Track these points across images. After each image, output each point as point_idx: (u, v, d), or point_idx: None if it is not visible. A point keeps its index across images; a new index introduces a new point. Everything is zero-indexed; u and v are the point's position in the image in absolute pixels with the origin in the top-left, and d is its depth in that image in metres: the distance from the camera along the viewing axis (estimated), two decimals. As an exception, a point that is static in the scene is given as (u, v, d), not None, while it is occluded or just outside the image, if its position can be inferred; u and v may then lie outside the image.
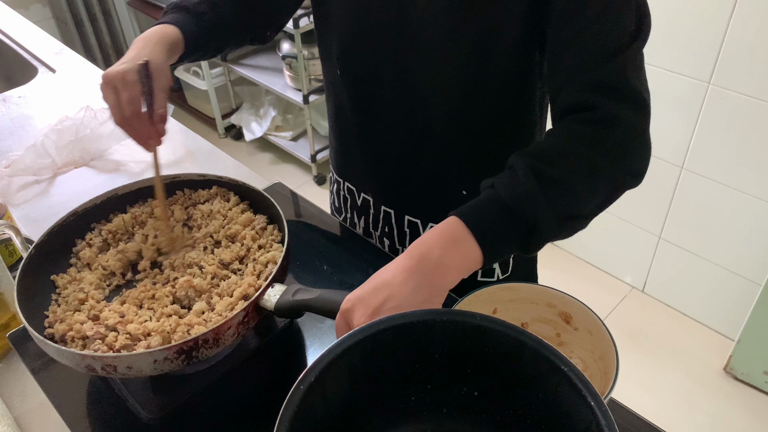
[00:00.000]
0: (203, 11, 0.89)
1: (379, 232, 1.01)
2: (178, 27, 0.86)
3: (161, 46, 0.82)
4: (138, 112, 0.77)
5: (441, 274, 0.63)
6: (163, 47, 0.82)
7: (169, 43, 0.83)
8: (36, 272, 0.79)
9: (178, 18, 0.87)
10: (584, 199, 0.67)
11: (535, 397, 0.53)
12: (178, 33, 0.85)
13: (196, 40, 0.88)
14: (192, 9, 0.89)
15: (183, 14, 0.88)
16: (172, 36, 0.84)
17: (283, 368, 0.81)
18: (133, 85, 0.76)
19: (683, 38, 1.75)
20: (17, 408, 0.79)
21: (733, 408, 1.89)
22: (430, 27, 0.77)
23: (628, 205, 2.13)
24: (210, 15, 0.90)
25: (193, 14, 0.89)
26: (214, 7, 0.91)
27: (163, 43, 0.82)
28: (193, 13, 0.89)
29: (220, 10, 0.91)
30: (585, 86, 0.69)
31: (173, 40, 0.84)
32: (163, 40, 0.83)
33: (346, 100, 0.93)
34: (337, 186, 1.05)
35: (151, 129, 0.79)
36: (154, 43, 0.81)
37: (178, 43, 0.85)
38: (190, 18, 0.88)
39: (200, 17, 0.89)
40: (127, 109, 0.77)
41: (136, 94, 0.77)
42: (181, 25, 0.86)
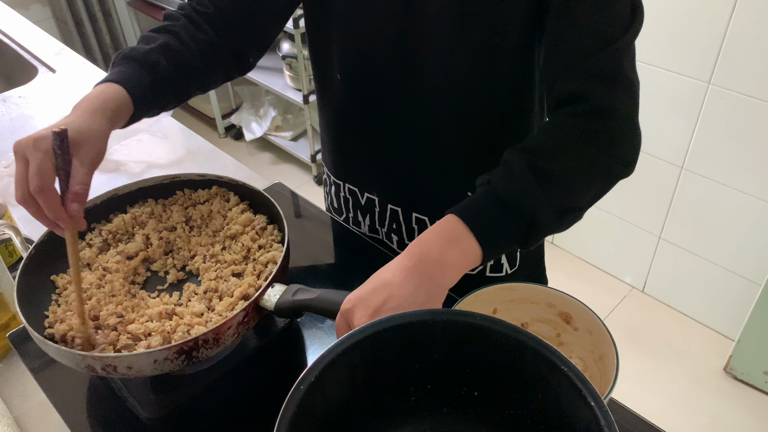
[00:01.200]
0: (156, 60, 0.78)
1: (386, 229, 1.01)
2: (123, 86, 0.75)
3: (100, 112, 0.72)
4: (44, 187, 0.65)
5: (441, 273, 0.63)
6: (103, 113, 0.72)
7: (112, 108, 0.73)
8: (36, 272, 0.79)
9: (126, 73, 0.77)
10: (580, 191, 0.68)
11: (535, 397, 0.53)
12: (123, 93, 0.75)
13: (148, 95, 0.78)
14: (142, 59, 0.78)
15: (131, 67, 0.77)
16: (115, 99, 0.74)
17: (283, 368, 0.81)
18: (43, 154, 0.65)
19: (683, 38, 1.75)
20: (17, 408, 0.79)
21: (733, 408, 1.89)
22: (434, 27, 0.77)
23: (628, 205, 2.13)
24: (165, 63, 0.79)
25: (144, 66, 0.78)
26: (171, 51, 0.80)
27: (104, 109, 0.72)
28: (144, 64, 0.78)
29: (181, 52, 0.81)
30: (580, 76, 0.69)
31: (118, 104, 0.74)
32: (104, 106, 0.72)
33: (347, 103, 0.93)
34: (336, 188, 1.05)
35: (60, 210, 0.66)
36: (92, 109, 0.71)
37: (123, 106, 0.75)
38: (140, 71, 0.77)
39: (152, 68, 0.78)
40: (32, 182, 0.64)
41: (45, 166, 0.65)
42: (127, 83, 0.76)
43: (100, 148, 0.71)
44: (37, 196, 0.65)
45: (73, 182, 0.67)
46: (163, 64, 0.79)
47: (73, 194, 0.67)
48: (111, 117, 0.73)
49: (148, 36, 0.82)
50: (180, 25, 0.83)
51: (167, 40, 0.81)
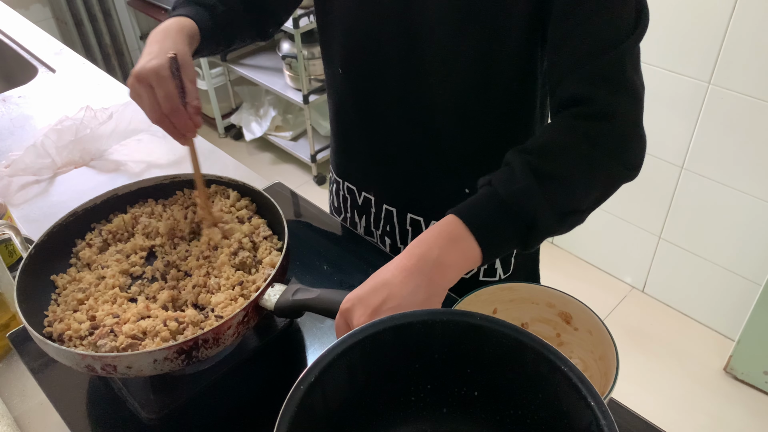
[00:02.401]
0: (213, 4, 0.90)
1: (380, 231, 1.01)
2: (192, 19, 0.86)
3: (181, 37, 0.81)
4: (176, 106, 0.76)
5: (441, 273, 0.63)
6: (183, 39, 0.81)
7: (188, 34, 0.83)
8: (36, 272, 0.79)
9: (191, 11, 0.87)
10: (582, 193, 0.68)
11: (535, 397, 0.53)
12: (193, 25, 0.85)
13: (210, 32, 0.88)
14: (203, 2, 0.89)
15: (195, 7, 0.88)
16: (189, 28, 0.84)
17: (283, 368, 0.81)
18: (167, 81, 0.75)
19: (683, 38, 1.75)
20: (17, 408, 0.79)
21: (733, 408, 1.89)
22: (434, 26, 0.77)
23: (628, 205, 2.13)
24: (220, 8, 0.90)
25: (205, 6, 0.89)
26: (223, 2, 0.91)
27: (183, 34, 0.82)
28: (205, 5, 0.89)
29: (229, 3, 0.92)
30: (583, 78, 0.69)
31: (190, 32, 0.84)
32: (182, 32, 0.82)
33: (348, 100, 0.93)
34: (337, 186, 1.05)
35: (188, 122, 0.78)
36: (174, 35, 0.81)
37: (194, 35, 0.85)
38: (203, 10, 0.88)
39: (212, 9, 0.89)
40: (165, 105, 0.76)
41: (171, 89, 0.76)
42: (195, 17, 0.86)
43: (193, 66, 0.81)
44: (172, 116, 0.77)
45: (190, 97, 0.78)
46: (219, 8, 0.90)
47: (194, 107, 0.78)
48: (189, 41, 0.83)
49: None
50: None
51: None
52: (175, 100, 0.76)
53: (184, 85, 0.77)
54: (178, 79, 0.76)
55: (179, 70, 0.77)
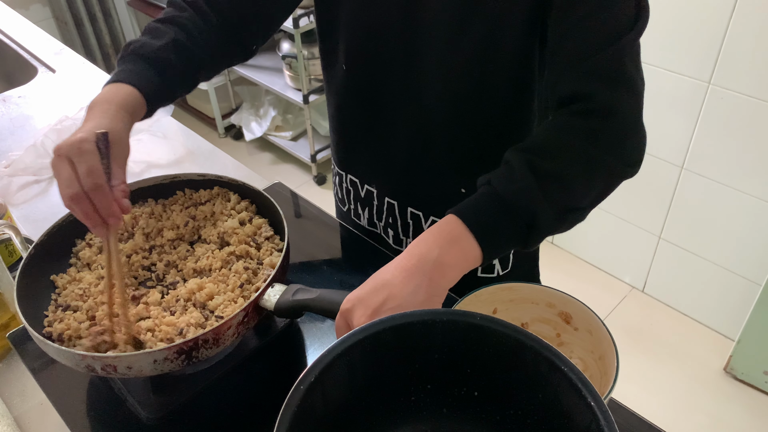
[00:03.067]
0: (166, 59, 0.79)
1: (383, 222, 1.01)
2: (137, 88, 0.76)
3: (121, 114, 0.73)
4: (99, 185, 0.67)
5: (441, 273, 0.63)
6: (124, 115, 0.74)
7: (130, 109, 0.75)
8: (36, 272, 0.79)
9: (138, 73, 0.78)
10: (581, 191, 0.68)
11: (535, 397, 0.53)
12: (137, 95, 0.76)
13: (160, 94, 0.80)
14: (153, 58, 0.79)
15: (142, 66, 0.78)
16: (131, 101, 0.76)
17: (283, 368, 0.81)
18: (91, 155, 0.68)
19: (683, 38, 1.75)
20: (17, 408, 0.79)
21: (733, 408, 1.89)
22: (436, 22, 0.77)
23: (628, 205, 2.13)
24: (175, 60, 0.80)
25: (155, 66, 0.79)
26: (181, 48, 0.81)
27: (124, 109, 0.74)
28: (154, 63, 0.79)
29: (190, 47, 0.82)
30: (582, 75, 0.69)
31: (134, 104, 0.76)
32: (123, 107, 0.74)
33: (351, 96, 0.93)
34: (340, 178, 1.06)
35: (113, 204, 0.69)
36: (114, 111, 0.73)
37: (138, 106, 0.77)
38: (152, 72, 0.78)
39: (163, 67, 0.79)
40: (87, 181, 0.67)
41: (95, 165, 0.68)
42: (141, 85, 0.77)
43: (127, 147, 0.74)
44: (93, 194, 0.68)
45: (117, 180, 0.70)
46: (172, 62, 0.80)
47: (121, 191, 0.70)
48: (130, 117, 0.75)
49: (155, 28, 0.82)
50: (186, 16, 0.83)
51: (176, 36, 0.81)
52: (98, 177, 0.68)
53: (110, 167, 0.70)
54: (105, 157, 0.69)
55: (108, 148, 0.69)
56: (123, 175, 0.72)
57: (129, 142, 0.74)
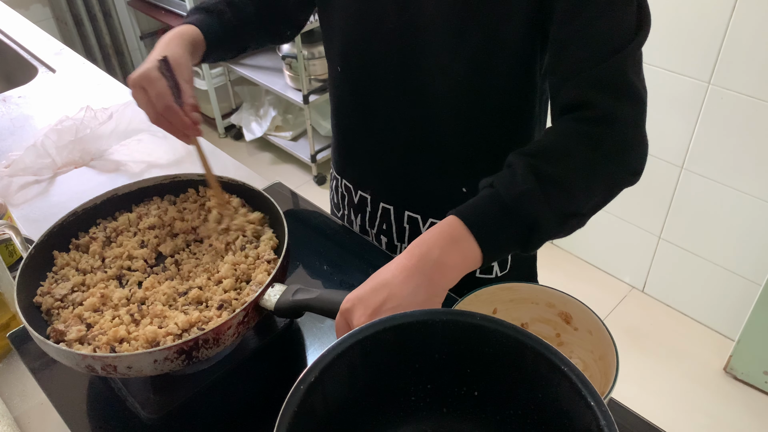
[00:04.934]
0: (222, 10, 0.92)
1: (376, 229, 1.01)
2: (197, 26, 0.88)
3: (178, 43, 0.84)
4: (169, 105, 0.78)
5: (441, 274, 0.63)
6: (180, 44, 0.84)
7: (188, 41, 0.85)
8: (36, 272, 0.79)
9: (197, 18, 0.90)
10: (583, 197, 0.68)
11: (535, 397, 0.53)
12: (196, 31, 0.88)
13: (217, 38, 0.90)
14: (210, 8, 0.92)
15: (202, 14, 0.91)
16: (190, 34, 0.86)
17: (283, 368, 0.81)
18: (158, 81, 0.78)
19: (683, 38, 1.75)
20: (17, 408, 0.79)
21: (733, 408, 1.89)
22: (434, 26, 0.77)
23: (628, 205, 2.13)
24: (229, 14, 0.92)
25: (212, 13, 0.91)
26: (233, 6, 0.93)
27: (181, 40, 0.84)
28: (212, 12, 0.91)
29: (240, 9, 0.94)
30: (585, 83, 0.69)
31: (192, 38, 0.86)
32: (180, 38, 0.85)
33: (346, 98, 0.93)
34: (336, 183, 1.06)
35: (185, 120, 0.79)
36: (171, 42, 0.83)
37: (197, 41, 0.87)
38: (209, 17, 0.91)
39: (219, 16, 0.91)
40: (158, 104, 0.78)
41: (163, 89, 0.78)
42: (200, 24, 0.89)
43: (190, 68, 0.83)
44: (165, 113, 0.79)
45: (186, 96, 0.79)
46: (227, 14, 0.92)
47: (190, 105, 0.80)
48: (190, 47, 0.85)
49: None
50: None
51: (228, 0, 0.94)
52: (167, 99, 0.78)
53: (179, 85, 0.79)
54: (170, 79, 0.78)
55: (171, 70, 0.79)
56: (190, 89, 0.81)
57: (191, 65, 0.83)
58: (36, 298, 0.77)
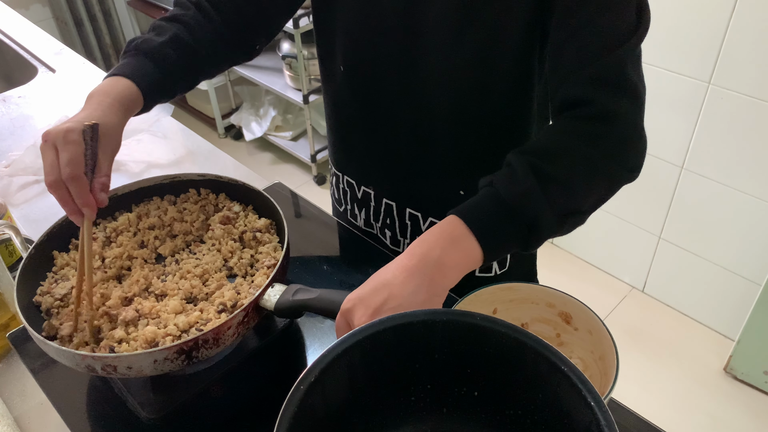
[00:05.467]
0: (166, 54, 0.81)
1: (380, 224, 1.01)
2: (133, 81, 0.78)
3: (116, 109, 0.75)
4: (76, 175, 0.69)
5: (442, 274, 0.63)
6: (119, 108, 0.75)
7: (126, 103, 0.77)
8: (36, 272, 0.79)
9: (137, 67, 0.79)
10: (583, 195, 0.68)
11: (535, 397, 0.53)
12: (134, 89, 0.78)
13: (158, 89, 0.81)
14: (153, 53, 0.81)
15: (142, 61, 0.80)
16: (128, 94, 0.77)
17: (283, 368, 0.81)
18: (75, 145, 0.69)
19: (683, 38, 1.75)
20: (17, 408, 0.79)
21: (733, 408, 1.89)
22: (435, 25, 0.77)
23: (628, 205, 2.13)
24: (175, 56, 0.82)
25: (154, 59, 0.80)
26: (181, 44, 0.82)
27: (120, 106, 0.75)
28: (154, 57, 0.80)
29: (191, 44, 0.83)
30: (585, 80, 0.69)
31: (130, 98, 0.77)
32: (119, 100, 0.76)
33: (348, 96, 0.93)
34: (337, 179, 1.06)
35: (89, 196, 0.71)
36: (108, 104, 0.75)
37: (135, 100, 0.78)
38: (151, 66, 0.80)
39: (163, 62, 0.81)
40: (65, 171, 0.69)
41: (77, 155, 0.69)
42: (139, 78, 0.78)
43: (118, 140, 0.76)
44: (69, 183, 0.70)
45: (100, 173, 0.72)
46: (172, 58, 0.82)
47: (100, 184, 0.72)
48: (125, 111, 0.77)
49: (158, 26, 0.84)
50: (190, 15, 0.85)
51: (177, 32, 0.83)
52: (77, 168, 0.69)
53: (97, 159, 0.71)
54: (90, 149, 0.70)
55: (96, 140, 0.71)
56: (107, 168, 0.73)
57: (120, 136, 0.76)
58: (36, 298, 0.77)
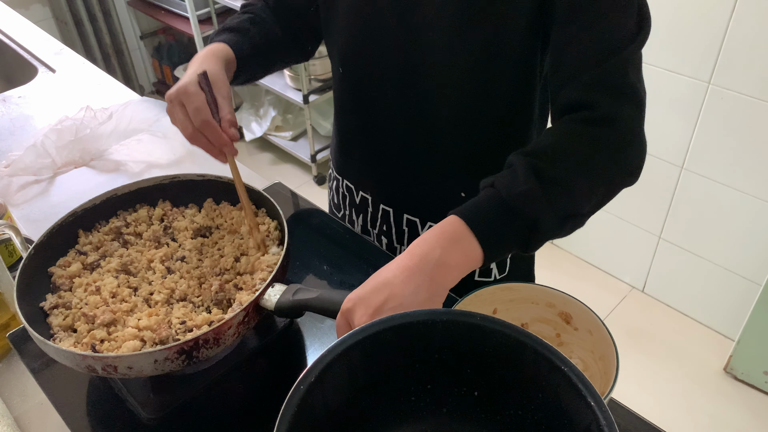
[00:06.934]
0: (248, 29, 0.92)
1: (377, 230, 1.01)
2: (228, 45, 0.88)
3: (214, 60, 0.83)
4: (208, 120, 0.77)
5: (442, 274, 0.63)
6: (216, 61, 0.83)
7: (222, 58, 0.85)
8: (36, 272, 0.79)
9: (226, 37, 0.90)
10: (583, 198, 0.68)
11: (535, 397, 0.53)
12: (228, 50, 0.88)
13: (247, 56, 0.90)
14: (237, 28, 0.92)
15: (230, 34, 0.91)
16: (224, 52, 0.87)
17: (283, 368, 0.81)
18: (196, 96, 0.77)
19: (683, 38, 1.75)
20: (17, 408, 0.79)
21: (733, 408, 1.89)
22: (435, 27, 0.77)
23: (628, 205, 2.13)
24: (254, 32, 0.92)
25: (239, 32, 0.91)
26: (257, 25, 0.93)
27: (216, 58, 0.84)
28: (239, 31, 0.91)
29: (264, 27, 0.94)
30: (586, 84, 0.69)
31: (226, 57, 0.86)
32: (215, 55, 0.85)
33: (347, 99, 0.93)
34: (336, 183, 1.06)
35: (223, 136, 0.78)
36: (206, 59, 0.83)
37: (230, 59, 0.87)
38: (238, 36, 0.91)
39: (246, 34, 0.91)
40: (196, 119, 0.77)
41: (201, 103, 0.77)
42: (230, 43, 0.88)
43: (227, 84, 0.82)
44: (203, 129, 0.77)
45: (224, 112, 0.78)
46: (252, 31, 0.92)
47: (228, 121, 0.79)
48: (224, 62, 0.85)
49: (234, 15, 0.96)
50: (258, 7, 0.97)
51: (251, 16, 0.95)
52: (204, 114, 0.77)
53: (217, 101, 0.78)
54: (209, 94, 0.78)
55: (210, 85, 0.78)
56: (228, 105, 0.79)
57: (227, 81, 0.82)
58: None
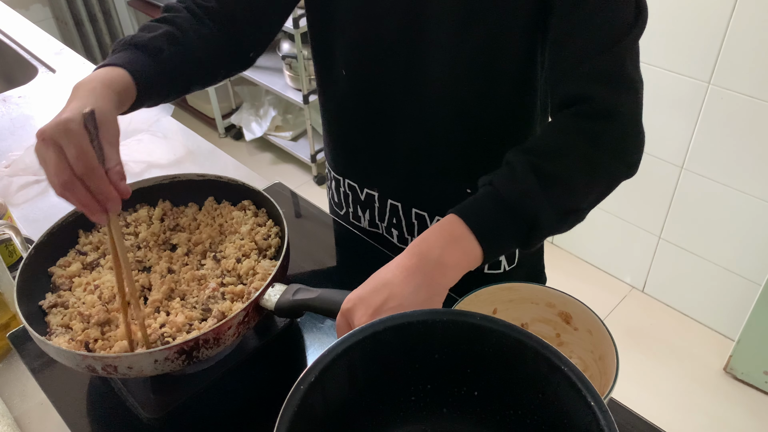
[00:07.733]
0: (158, 48, 0.76)
1: (386, 223, 1.01)
2: (126, 69, 0.72)
3: (106, 93, 0.68)
4: (91, 167, 0.62)
5: (442, 273, 0.63)
6: (108, 95, 0.68)
7: (117, 90, 0.70)
8: (36, 272, 0.79)
9: (128, 58, 0.74)
10: (582, 193, 0.68)
11: (535, 397, 0.53)
12: (127, 77, 0.72)
13: (152, 83, 0.75)
14: (145, 45, 0.76)
15: (134, 53, 0.75)
16: (117, 82, 0.71)
17: (283, 368, 0.81)
18: (80, 136, 0.62)
19: (683, 38, 1.75)
20: (17, 408, 0.79)
21: (733, 408, 1.89)
22: (437, 27, 0.77)
23: (628, 205, 2.13)
24: (168, 51, 0.77)
25: (148, 53, 0.76)
26: (174, 44, 0.78)
27: (108, 90, 0.69)
28: (148, 51, 0.76)
29: (184, 42, 0.79)
30: (583, 77, 0.69)
31: (120, 87, 0.71)
32: (108, 87, 0.69)
33: (350, 100, 0.93)
34: (336, 183, 1.05)
35: (109, 188, 0.64)
36: (96, 92, 0.68)
37: (128, 89, 0.72)
38: (143, 57, 0.75)
39: (156, 56, 0.76)
40: (78, 164, 0.61)
41: (86, 146, 0.62)
42: (131, 67, 0.73)
43: (117, 127, 0.67)
44: (86, 177, 0.62)
45: (112, 162, 0.64)
46: (166, 52, 0.77)
47: (116, 173, 0.64)
48: (117, 100, 0.70)
49: (149, 25, 0.80)
50: (181, 17, 0.81)
51: (170, 30, 0.79)
52: (90, 160, 0.62)
53: (103, 147, 0.64)
54: (95, 138, 0.63)
55: (97, 128, 0.63)
56: (117, 155, 0.65)
57: (117, 123, 0.68)
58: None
